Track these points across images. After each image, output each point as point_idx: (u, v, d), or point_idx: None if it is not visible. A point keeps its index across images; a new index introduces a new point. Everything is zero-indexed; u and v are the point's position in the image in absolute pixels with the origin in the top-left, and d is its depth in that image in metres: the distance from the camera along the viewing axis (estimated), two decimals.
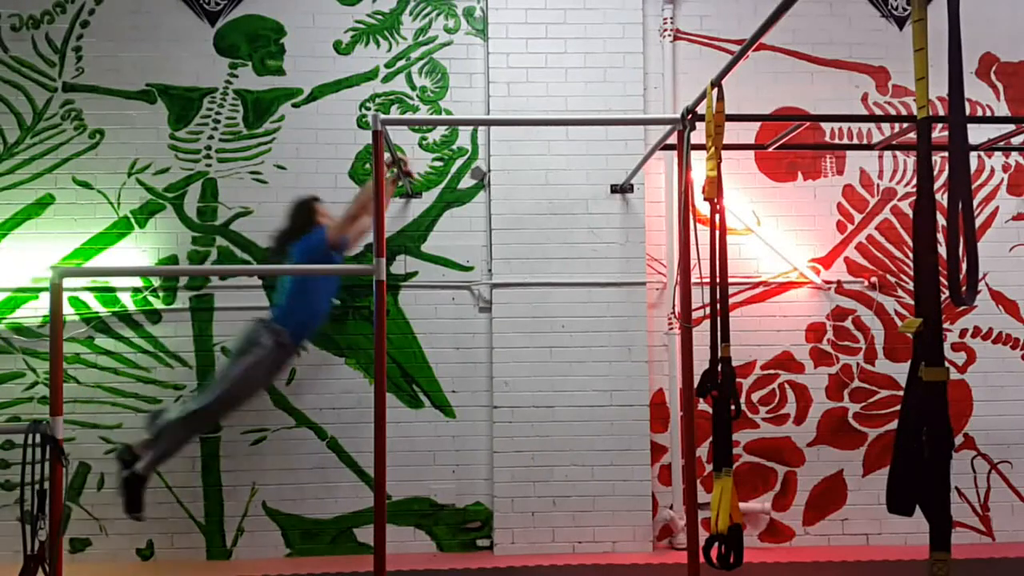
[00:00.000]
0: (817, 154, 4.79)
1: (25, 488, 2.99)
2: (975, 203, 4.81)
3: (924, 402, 1.87)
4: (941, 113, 4.26)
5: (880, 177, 4.82)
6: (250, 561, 4.45)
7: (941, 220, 1.91)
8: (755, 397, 4.69)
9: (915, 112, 1.97)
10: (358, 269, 4.48)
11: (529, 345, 4.56)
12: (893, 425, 4.54)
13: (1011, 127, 4.08)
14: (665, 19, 4.74)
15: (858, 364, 4.73)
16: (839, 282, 4.74)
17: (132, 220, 4.60)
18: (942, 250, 1.89)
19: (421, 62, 4.73)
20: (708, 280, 3.36)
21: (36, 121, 4.60)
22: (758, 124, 4.69)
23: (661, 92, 4.73)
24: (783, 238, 4.74)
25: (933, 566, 1.83)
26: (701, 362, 3.46)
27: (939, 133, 4.14)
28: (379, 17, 4.73)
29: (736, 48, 4.05)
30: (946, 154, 1.96)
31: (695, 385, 3.37)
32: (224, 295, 4.58)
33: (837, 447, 4.69)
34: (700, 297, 3.68)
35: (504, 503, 4.53)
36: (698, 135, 3.46)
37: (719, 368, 3.27)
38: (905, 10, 4.84)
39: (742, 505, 4.36)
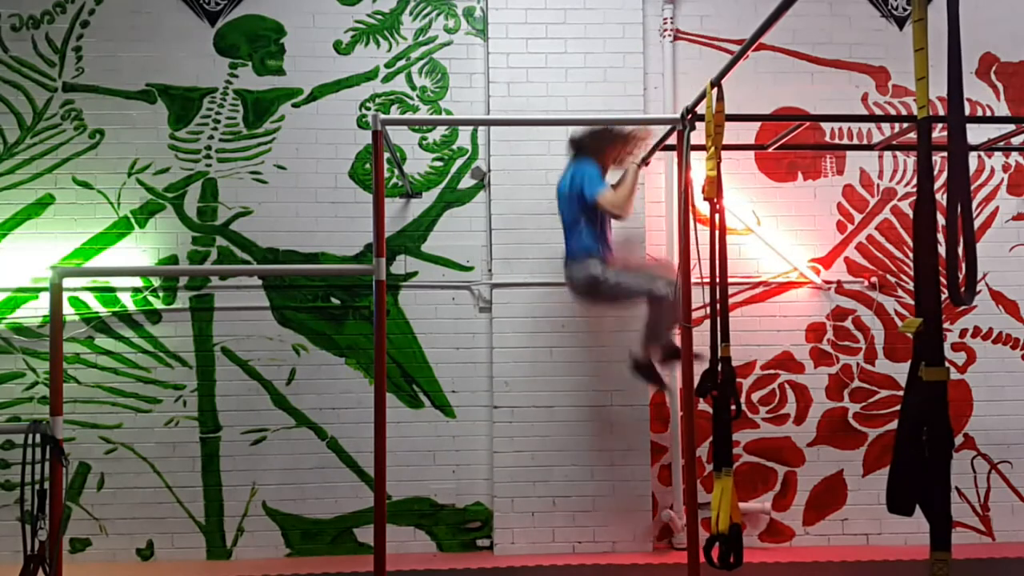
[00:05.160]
0: (817, 154, 4.78)
1: (25, 488, 2.99)
2: (975, 203, 4.81)
3: (924, 402, 1.87)
4: (941, 113, 4.26)
5: (880, 177, 4.82)
6: (250, 561, 4.46)
7: (941, 220, 1.90)
8: (755, 397, 4.69)
9: (915, 112, 1.97)
10: (358, 269, 4.48)
11: (529, 345, 4.56)
12: (893, 425, 4.54)
13: (1011, 127, 4.07)
14: (665, 19, 4.74)
15: (858, 364, 4.73)
16: (839, 282, 4.74)
17: (132, 220, 4.60)
18: (942, 250, 1.89)
19: (421, 62, 4.73)
20: (708, 280, 3.37)
21: (36, 121, 4.60)
22: (758, 124, 4.69)
23: (661, 92, 4.73)
24: (783, 238, 4.74)
25: (933, 566, 1.83)
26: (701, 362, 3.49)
27: (939, 133, 4.14)
28: (379, 17, 4.73)
29: (736, 48, 4.06)
30: (946, 154, 1.95)
31: (695, 385, 3.38)
32: (224, 295, 4.58)
33: (837, 447, 4.69)
34: (700, 297, 3.68)
35: (504, 503, 4.53)
36: (698, 135, 3.46)
37: (719, 368, 3.29)
38: (905, 10, 4.83)
39: (742, 505, 4.36)
